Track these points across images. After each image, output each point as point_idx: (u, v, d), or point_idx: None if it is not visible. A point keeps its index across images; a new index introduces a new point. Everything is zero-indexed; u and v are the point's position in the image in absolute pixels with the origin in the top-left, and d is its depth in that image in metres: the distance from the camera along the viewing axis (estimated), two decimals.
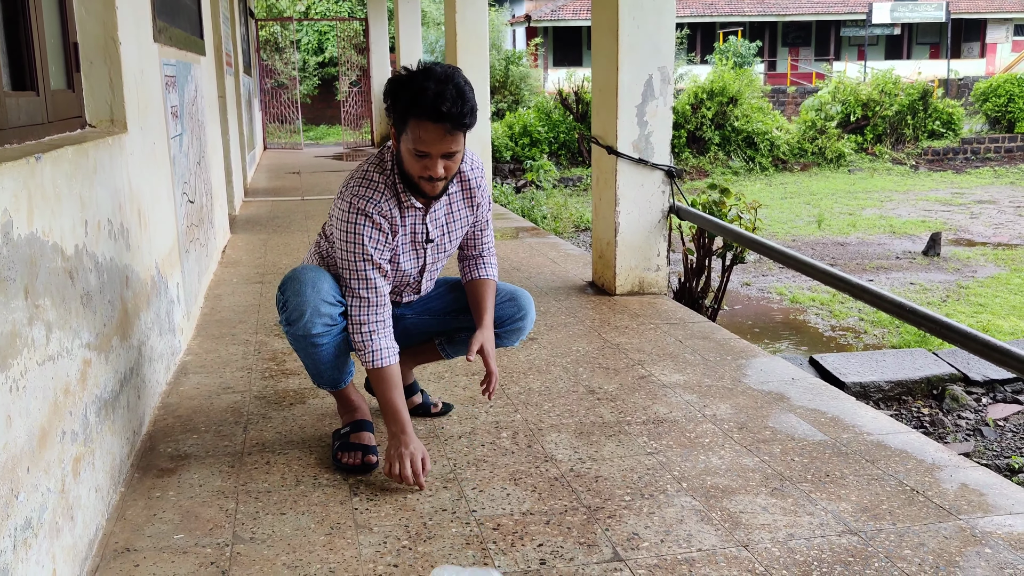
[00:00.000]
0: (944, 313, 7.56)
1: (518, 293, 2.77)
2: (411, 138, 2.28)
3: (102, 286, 2.33)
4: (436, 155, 2.28)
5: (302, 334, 2.41)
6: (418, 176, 2.33)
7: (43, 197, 1.85)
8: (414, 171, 2.33)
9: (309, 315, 2.38)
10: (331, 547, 2.10)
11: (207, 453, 2.64)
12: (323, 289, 2.40)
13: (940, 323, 2.84)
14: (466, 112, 2.24)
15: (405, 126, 2.28)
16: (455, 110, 2.21)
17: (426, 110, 2.21)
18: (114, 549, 2.10)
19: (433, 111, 2.21)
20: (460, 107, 2.22)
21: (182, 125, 4.15)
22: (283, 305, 2.44)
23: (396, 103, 2.30)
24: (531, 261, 5.45)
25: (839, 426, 2.82)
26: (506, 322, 2.73)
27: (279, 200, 8.45)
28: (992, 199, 13.89)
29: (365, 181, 2.41)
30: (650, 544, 2.11)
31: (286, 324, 2.44)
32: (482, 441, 2.71)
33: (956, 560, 2.03)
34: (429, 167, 2.30)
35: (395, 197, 2.42)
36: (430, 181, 2.34)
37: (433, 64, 2.31)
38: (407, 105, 2.25)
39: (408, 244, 2.50)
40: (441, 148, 2.28)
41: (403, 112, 2.27)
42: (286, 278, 2.47)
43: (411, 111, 2.25)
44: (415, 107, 2.23)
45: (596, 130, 4.62)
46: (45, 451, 1.76)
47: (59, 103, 2.48)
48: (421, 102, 2.21)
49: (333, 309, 2.41)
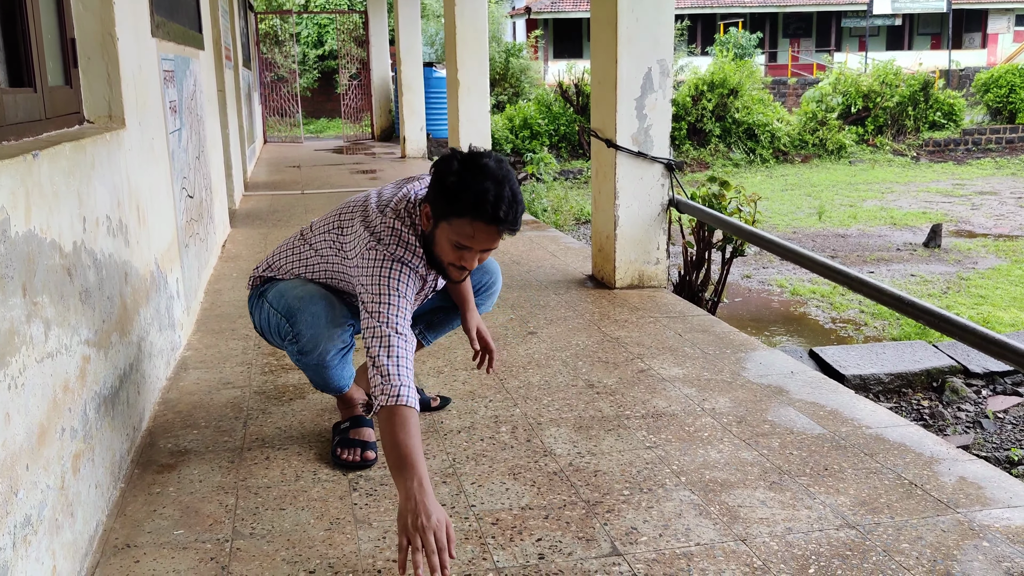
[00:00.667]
0: (945, 305, 7.57)
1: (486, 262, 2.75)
2: (456, 231, 2.15)
3: (101, 282, 2.33)
4: (476, 250, 2.19)
5: (316, 363, 2.42)
6: (448, 263, 2.23)
7: (41, 194, 1.85)
8: (446, 258, 2.22)
9: (324, 346, 2.38)
10: (330, 542, 2.10)
11: (207, 449, 2.64)
12: (336, 318, 2.39)
13: (938, 316, 2.84)
14: (519, 216, 2.15)
15: (452, 218, 2.14)
16: (511, 216, 2.11)
17: (484, 214, 2.09)
18: (114, 545, 2.10)
19: (492, 216, 2.09)
20: (515, 212, 2.12)
21: (181, 120, 4.14)
22: (294, 337, 2.40)
23: (447, 195, 2.14)
24: (531, 255, 5.45)
25: (838, 419, 2.83)
26: (479, 291, 2.75)
27: (279, 194, 8.45)
28: (993, 190, 13.87)
29: (403, 244, 2.26)
30: (648, 538, 2.11)
31: (299, 354, 2.42)
32: (481, 436, 2.72)
33: (954, 554, 2.03)
34: (465, 259, 2.20)
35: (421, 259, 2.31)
36: (460, 270, 2.25)
37: (485, 157, 2.16)
38: (463, 205, 2.11)
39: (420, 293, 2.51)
40: (485, 246, 2.18)
41: (456, 208, 2.12)
42: (293, 309, 2.40)
43: (467, 211, 2.11)
44: (472, 209, 2.10)
45: (595, 123, 4.62)
46: (44, 448, 1.76)
47: (57, 99, 2.48)
48: (481, 206, 2.08)
49: (345, 334, 2.43)
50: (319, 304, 2.39)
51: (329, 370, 2.47)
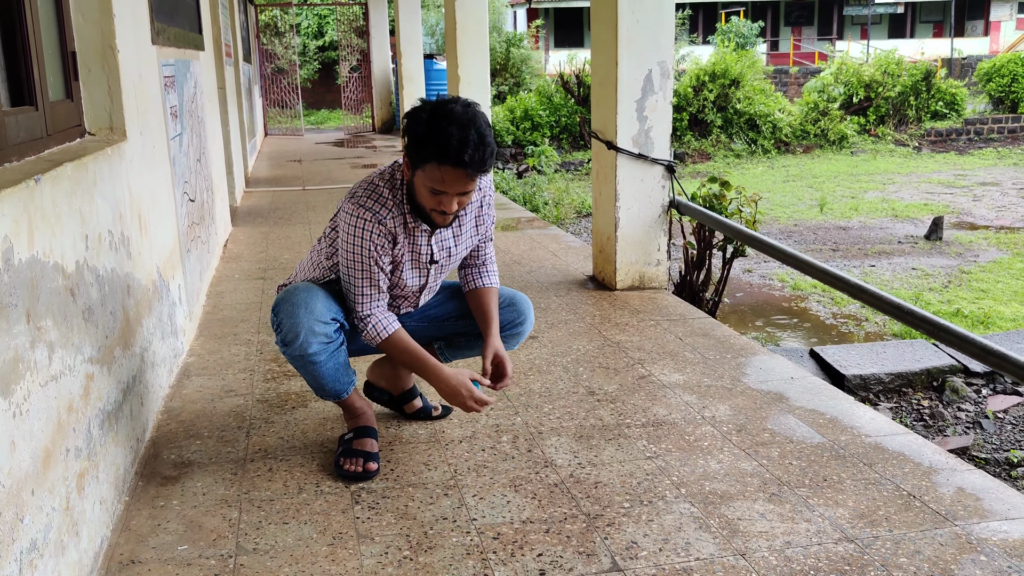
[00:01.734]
0: (946, 299, 7.57)
1: (517, 298, 2.79)
2: (428, 177, 2.28)
3: (103, 299, 2.35)
4: (452, 194, 2.30)
5: (299, 354, 2.42)
6: (430, 208, 2.36)
7: (43, 218, 1.86)
8: (427, 204, 2.36)
9: (304, 336, 2.39)
10: (333, 558, 2.12)
11: (210, 460, 2.66)
12: (316, 309, 2.41)
13: (937, 325, 2.85)
14: (487, 157, 2.25)
15: (423, 164, 2.28)
16: (477, 157, 2.22)
17: (449, 157, 2.21)
18: (119, 561, 2.12)
19: (456, 159, 2.21)
20: (482, 153, 2.23)
21: (182, 124, 4.15)
22: (278, 327, 2.44)
23: (416, 143, 2.28)
24: (532, 254, 5.45)
25: (837, 427, 2.84)
26: (506, 327, 2.75)
27: (280, 190, 8.45)
28: (995, 181, 13.84)
29: (375, 194, 2.43)
30: (648, 553, 2.13)
31: (282, 345, 2.44)
32: (483, 446, 2.74)
33: (951, 568, 2.05)
34: (443, 203, 2.33)
35: (402, 216, 2.44)
36: (442, 215, 2.37)
37: (452, 103, 2.28)
38: (429, 150, 2.24)
39: (411, 262, 2.52)
40: (458, 189, 2.29)
41: (424, 153, 2.26)
42: (279, 300, 2.47)
43: (433, 156, 2.24)
44: (437, 153, 2.23)
45: (596, 124, 4.62)
46: (49, 471, 1.78)
47: (58, 114, 2.49)
48: (444, 149, 2.21)
49: (328, 327, 2.43)
50: (302, 295, 2.42)
51: (316, 367, 2.47)
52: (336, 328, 2.46)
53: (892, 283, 8.13)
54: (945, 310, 7.14)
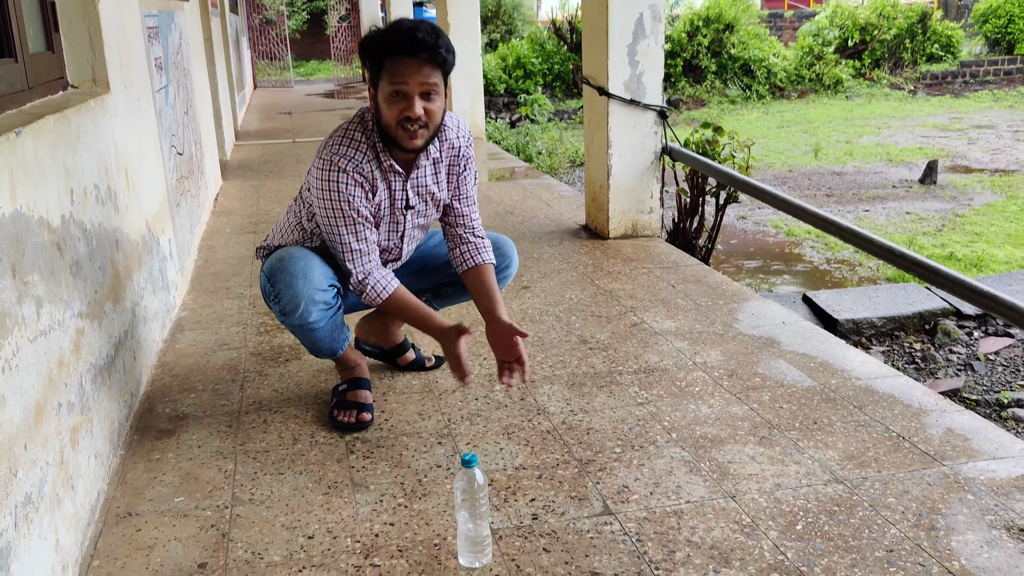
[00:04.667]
0: (940, 243, 7.58)
1: (500, 241, 2.76)
2: (387, 79, 2.23)
3: (91, 253, 2.33)
4: (413, 93, 2.22)
5: (299, 323, 2.41)
6: (396, 122, 2.25)
7: (26, 172, 1.84)
8: (392, 118, 2.25)
9: (304, 306, 2.36)
10: (329, 507, 2.14)
11: (205, 413, 2.68)
12: (314, 277, 2.37)
13: (928, 267, 2.86)
14: (441, 45, 2.21)
15: (381, 70, 2.24)
16: (430, 40, 2.19)
17: (400, 43, 2.20)
18: (116, 514, 2.14)
19: (408, 42, 2.19)
20: (435, 39, 2.19)
21: (167, 76, 4.10)
22: (275, 297, 2.40)
23: (370, 51, 2.26)
24: (525, 204, 5.43)
25: (828, 371, 2.86)
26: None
27: (270, 143, 8.38)
28: (990, 123, 13.77)
29: (346, 139, 2.36)
30: (640, 496, 2.15)
31: (281, 315, 2.42)
32: (476, 395, 2.75)
33: (939, 507, 2.07)
34: (406, 108, 2.22)
35: (376, 159, 2.38)
36: (409, 126, 2.26)
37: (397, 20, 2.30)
38: (381, 47, 2.22)
39: (387, 209, 2.47)
40: (418, 81, 2.21)
41: (378, 56, 2.23)
42: (273, 268, 2.41)
43: (385, 51, 2.22)
44: (389, 45, 2.21)
45: (587, 70, 4.57)
46: (42, 426, 1.78)
47: (39, 66, 2.45)
48: (395, 38, 2.20)
49: (326, 295, 2.40)
50: (299, 264, 2.37)
51: (315, 332, 2.47)
52: (334, 294, 2.44)
53: (886, 228, 8.12)
54: (939, 254, 7.14)
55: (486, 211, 5.25)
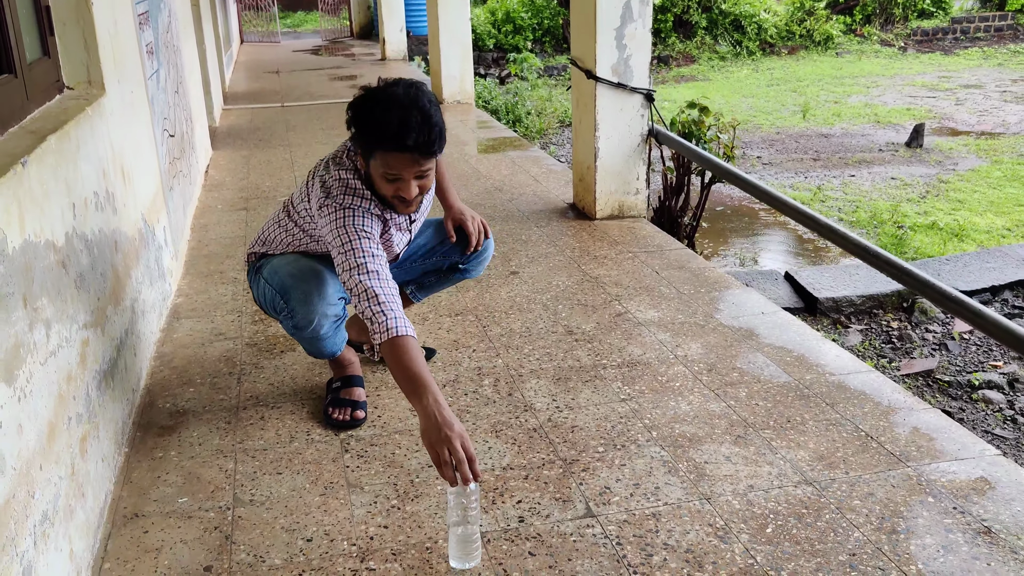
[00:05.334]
0: (923, 210, 7.68)
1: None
2: (380, 165, 2.23)
3: (93, 262, 2.41)
4: (408, 179, 2.25)
5: (310, 336, 2.51)
6: (391, 196, 2.30)
7: (32, 200, 1.91)
8: (387, 192, 2.29)
9: (318, 320, 2.46)
10: (325, 508, 2.26)
11: (204, 408, 2.78)
12: (328, 294, 2.46)
13: (901, 268, 2.96)
14: (433, 139, 2.19)
15: (372, 154, 2.24)
16: (422, 139, 2.16)
17: (392, 143, 2.17)
18: (123, 515, 2.25)
19: (400, 144, 2.16)
20: (427, 135, 2.16)
21: (158, 60, 4.12)
22: (289, 313, 2.47)
23: (360, 134, 2.24)
24: (514, 180, 5.50)
25: (803, 366, 2.98)
26: (471, 257, 2.85)
27: (259, 108, 8.37)
28: (979, 83, 13.79)
29: (349, 191, 2.33)
30: (620, 498, 2.28)
31: (294, 329, 2.51)
32: (465, 390, 2.86)
33: (901, 510, 2.21)
34: (402, 189, 2.26)
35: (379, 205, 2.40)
36: (404, 202, 2.31)
37: (393, 86, 2.23)
38: (373, 139, 2.21)
39: (395, 232, 2.54)
40: (413, 171, 2.23)
41: (370, 144, 2.23)
42: (286, 286, 2.46)
43: (377, 144, 2.20)
44: (381, 140, 2.19)
45: (575, 51, 4.61)
46: (54, 444, 1.88)
47: (36, 75, 2.50)
48: (386, 136, 2.17)
49: (337, 308, 2.51)
50: (312, 282, 2.46)
51: (323, 341, 2.58)
52: (343, 306, 2.55)
53: (871, 193, 8.21)
54: (921, 222, 7.25)
55: (475, 187, 5.32)
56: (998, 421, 3.74)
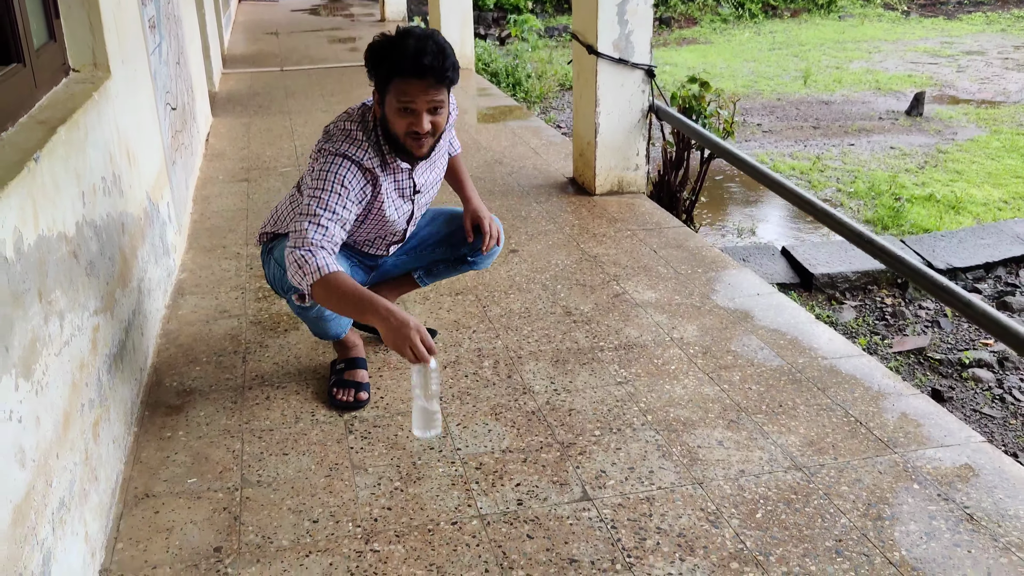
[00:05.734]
0: (921, 181, 7.71)
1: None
2: (395, 96, 2.34)
3: (102, 247, 2.46)
4: (421, 110, 2.34)
5: (315, 315, 2.57)
6: (404, 133, 2.38)
7: (45, 196, 1.96)
8: (400, 129, 2.38)
9: None
10: (331, 489, 2.34)
11: (210, 387, 2.84)
12: None
13: (895, 257, 3.01)
14: (448, 66, 2.31)
15: (388, 86, 2.35)
16: (436, 63, 2.28)
17: (407, 66, 2.28)
18: (135, 495, 2.33)
19: (415, 66, 2.27)
20: (441, 61, 2.29)
21: (160, 33, 4.12)
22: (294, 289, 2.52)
23: (378, 67, 2.36)
24: (513, 151, 5.52)
25: (796, 349, 3.04)
26: (479, 250, 2.89)
27: (258, 72, 8.34)
28: (981, 49, 13.71)
29: (349, 138, 2.46)
30: (615, 482, 2.35)
31: (300, 307, 2.57)
32: (466, 371, 2.92)
33: (887, 497, 2.28)
34: (415, 123, 2.35)
35: (379, 156, 2.49)
36: (416, 138, 2.39)
37: (411, 27, 2.37)
38: (389, 66, 2.32)
39: (395, 197, 2.60)
40: (426, 100, 2.33)
41: (385, 74, 2.34)
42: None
43: (393, 71, 2.31)
44: (397, 66, 2.30)
45: (576, 25, 4.61)
46: (69, 432, 1.95)
47: (43, 61, 2.52)
48: (402, 60, 2.28)
49: None
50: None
51: (328, 321, 2.64)
52: None
53: (870, 163, 8.23)
54: (919, 194, 7.28)
55: (476, 159, 5.34)
56: (987, 400, 3.83)
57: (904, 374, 4.03)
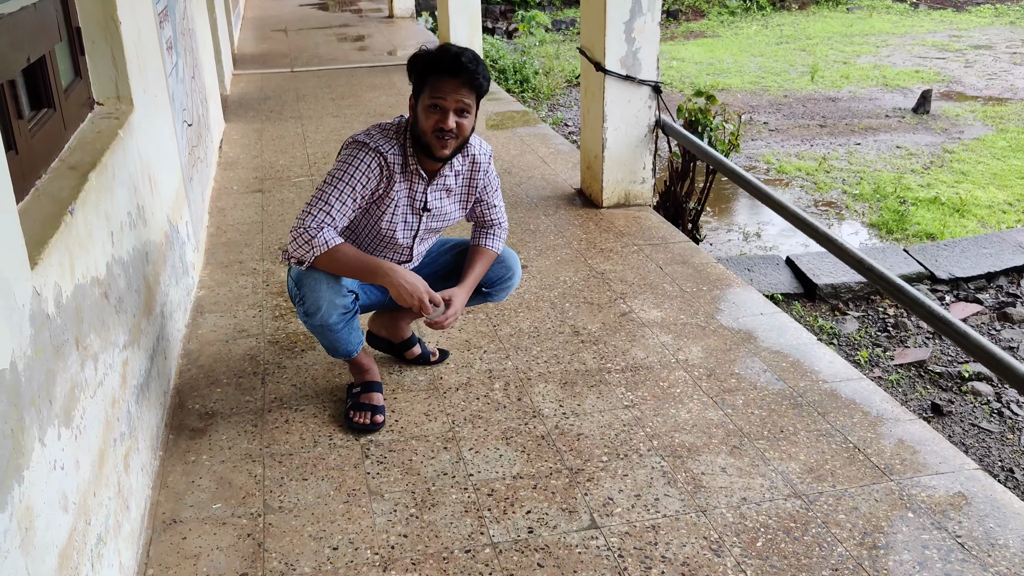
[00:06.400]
0: (926, 183, 7.77)
1: (506, 255, 3.01)
2: (428, 93, 2.55)
3: (128, 281, 2.56)
4: (450, 108, 2.54)
5: (319, 324, 2.67)
6: (431, 130, 2.57)
7: (80, 245, 2.06)
8: (427, 125, 2.57)
9: (326, 308, 2.62)
10: (349, 516, 2.44)
11: (231, 410, 2.95)
12: (338, 287, 2.63)
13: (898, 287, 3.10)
14: (480, 71, 2.54)
15: (424, 84, 2.56)
16: (471, 66, 2.52)
17: (445, 63, 2.52)
18: (162, 520, 2.44)
19: (451, 64, 2.51)
20: (476, 66, 2.53)
21: (176, 52, 4.21)
22: (300, 299, 2.64)
23: (418, 67, 2.58)
24: (522, 161, 5.60)
25: (798, 372, 3.13)
26: (496, 283, 2.99)
27: (268, 73, 8.42)
28: (989, 43, 13.71)
29: (381, 132, 2.68)
30: (622, 509, 2.46)
31: (305, 316, 2.67)
32: (477, 394, 3.03)
33: (882, 525, 2.38)
34: (442, 120, 2.55)
35: (403, 157, 2.67)
36: (441, 136, 2.57)
37: (448, 45, 2.61)
38: (427, 65, 2.55)
39: (406, 207, 2.74)
40: (455, 98, 2.54)
41: (423, 72, 2.56)
42: (301, 274, 2.63)
43: (431, 68, 2.54)
44: (436, 63, 2.54)
45: (584, 41, 4.68)
46: (104, 468, 2.06)
47: (71, 100, 2.62)
48: (442, 58, 2.53)
49: (346, 299, 2.66)
50: (322, 271, 2.62)
51: (335, 333, 2.74)
52: (353, 299, 2.70)
53: (876, 163, 8.29)
54: (924, 196, 7.34)
55: None
56: (985, 414, 3.92)
57: (905, 387, 4.12)
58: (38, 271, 1.72)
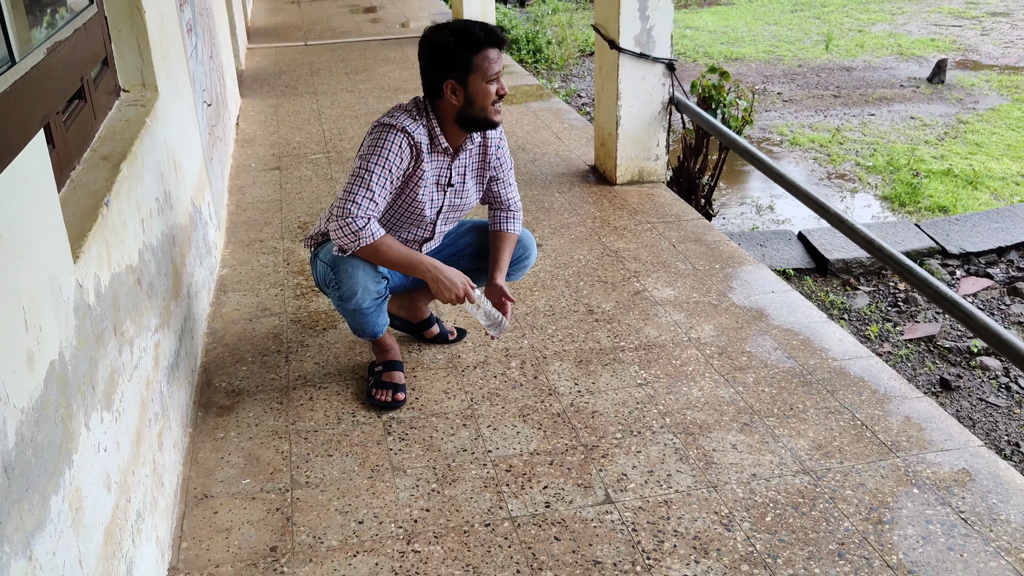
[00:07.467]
0: (940, 154, 7.77)
1: (522, 235, 3.09)
2: (483, 70, 2.66)
3: (158, 265, 2.65)
4: (500, 73, 2.72)
5: (353, 308, 2.76)
6: (493, 101, 2.71)
7: (115, 235, 2.14)
8: (488, 100, 2.69)
9: (361, 294, 2.71)
10: (373, 491, 2.54)
11: (257, 388, 3.05)
12: (372, 272, 2.72)
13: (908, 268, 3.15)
14: (504, 35, 2.71)
15: (471, 65, 2.65)
16: (499, 34, 2.69)
17: (485, 39, 2.65)
18: (194, 495, 2.55)
19: (490, 37, 2.66)
20: (501, 31, 2.71)
21: (196, 33, 4.27)
22: (336, 284, 2.72)
23: (452, 54, 2.64)
24: (535, 137, 5.65)
25: (808, 350, 3.21)
26: (513, 263, 3.07)
27: (282, 47, 8.45)
28: (1006, 11, 13.57)
29: (405, 113, 2.74)
30: (636, 485, 2.55)
31: (339, 300, 2.76)
32: (494, 372, 3.11)
33: (887, 501, 2.47)
34: (500, 87, 2.72)
35: (429, 137, 2.75)
36: (497, 102, 2.73)
37: (456, 21, 2.72)
38: (468, 47, 2.64)
39: (432, 184, 2.81)
40: (501, 64, 2.72)
41: (463, 56, 2.64)
42: (336, 260, 2.72)
43: (474, 49, 2.64)
44: (476, 43, 2.64)
45: (598, 18, 4.71)
46: (141, 447, 2.16)
47: (100, 89, 2.69)
48: (478, 37, 2.65)
49: (380, 285, 2.75)
50: (358, 257, 2.71)
51: (366, 317, 2.83)
52: (386, 285, 2.79)
53: (889, 135, 8.28)
54: (937, 168, 7.35)
55: None
56: (992, 389, 3.98)
57: (914, 362, 4.19)
58: (79, 264, 1.80)
